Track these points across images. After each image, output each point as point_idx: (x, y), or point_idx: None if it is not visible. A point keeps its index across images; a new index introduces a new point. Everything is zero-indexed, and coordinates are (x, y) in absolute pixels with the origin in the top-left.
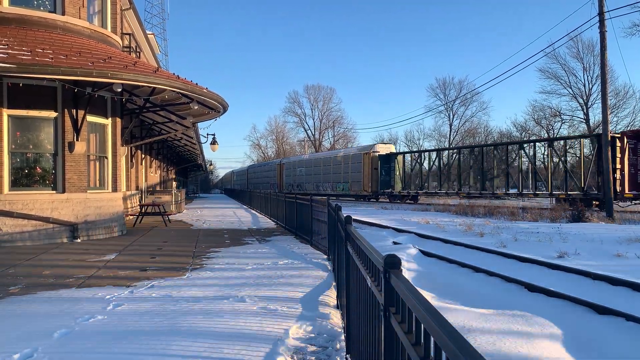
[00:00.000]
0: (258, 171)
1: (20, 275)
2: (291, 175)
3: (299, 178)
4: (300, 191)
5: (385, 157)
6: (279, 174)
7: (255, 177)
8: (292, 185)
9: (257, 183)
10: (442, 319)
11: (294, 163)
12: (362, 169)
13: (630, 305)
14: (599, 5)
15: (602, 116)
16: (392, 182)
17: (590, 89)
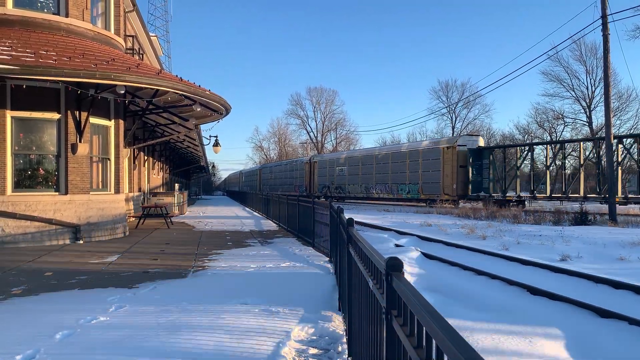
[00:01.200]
0: (276, 171)
1: (23, 276)
2: (326, 175)
3: (339, 179)
4: (341, 194)
5: (476, 152)
6: (308, 174)
7: (271, 177)
8: (328, 187)
9: (275, 185)
10: (444, 322)
11: (332, 161)
12: (441, 166)
13: (633, 309)
14: (602, 8)
15: (605, 119)
16: (485, 183)
17: (593, 92)
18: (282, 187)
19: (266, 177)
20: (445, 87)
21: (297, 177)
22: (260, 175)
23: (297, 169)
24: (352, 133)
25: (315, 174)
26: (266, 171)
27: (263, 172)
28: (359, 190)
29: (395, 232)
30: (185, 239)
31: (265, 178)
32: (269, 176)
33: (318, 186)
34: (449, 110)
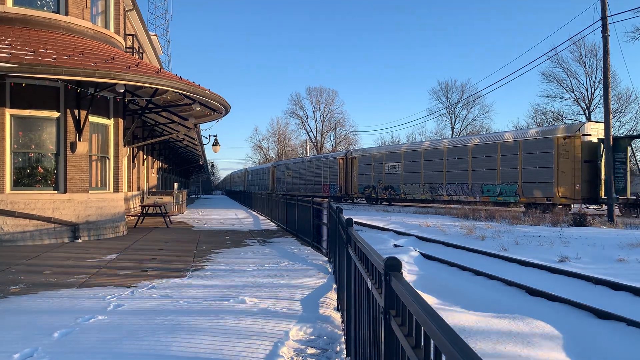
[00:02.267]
0: (297, 168)
1: (21, 274)
2: (371, 173)
3: (390, 177)
4: (392, 196)
5: None
6: (343, 172)
7: (288, 176)
8: (374, 187)
9: (294, 184)
10: (442, 322)
11: (379, 156)
12: (555, 161)
13: (631, 310)
14: (601, 9)
15: (605, 120)
16: (621, 183)
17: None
18: (304, 187)
19: (282, 176)
20: (445, 88)
21: (326, 175)
22: (273, 174)
23: (327, 166)
24: (352, 133)
25: (353, 171)
26: (282, 169)
27: (278, 170)
28: (420, 191)
29: (395, 232)
30: (184, 238)
31: (280, 177)
32: (285, 174)
33: (358, 186)
34: (448, 111)
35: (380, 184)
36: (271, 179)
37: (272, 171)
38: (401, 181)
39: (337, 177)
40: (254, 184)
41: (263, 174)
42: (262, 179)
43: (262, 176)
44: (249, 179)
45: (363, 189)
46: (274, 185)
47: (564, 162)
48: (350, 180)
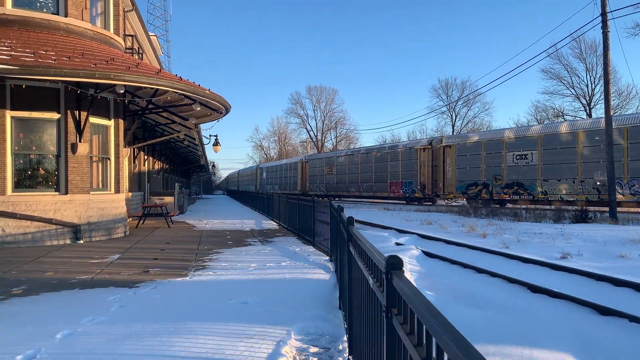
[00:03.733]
0: (343, 163)
1: (23, 276)
2: (479, 167)
3: (518, 171)
4: (524, 196)
5: None
6: (428, 165)
7: (328, 172)
8: (486, 185)
9: (338, 183)
10: (444, 320)
11: (493, 143)
12: None
13: (633, 306)
14: (601, 5)
15: (605, 117)
16: None
17: (593, 90)
18: (355, 186)
19: (318, 172)
20: (446, 86)
21: (395, 170)
22: (304, 170)
23: (398, 159)
24: (352, 132)
25: (447, 164)
26: (318, 164)
27: (312, 166)
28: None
29: (396, 230)
30: (186, 238)
31: (317, 173)
32: (323, 170)
33: (457, 184)
34: (449, 109)
35: (497, 180)
36: (301, 176)
37: (303, 167)
38: (538, 176)
39: (416, 173)
40: (272, 182)
41: (287, 171)
42: (286, 177)
43: (284, 173)
44: (262, 177)
45: (465, 188)
46: (306, 184)
47: None
48: (442, 177)
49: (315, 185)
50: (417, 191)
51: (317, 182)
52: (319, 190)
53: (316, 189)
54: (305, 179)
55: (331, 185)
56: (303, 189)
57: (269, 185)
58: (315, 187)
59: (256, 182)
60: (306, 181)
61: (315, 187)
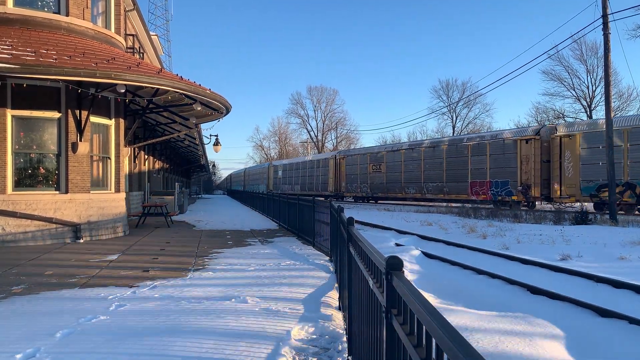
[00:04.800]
0: (397, 160)
1: (23, 275)
2: None
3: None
4: None
5: None
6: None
7: (374, 170)
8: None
9: (389, 182)
10: (443, 321)
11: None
12: None
13: (633, 308)
14: (602, 7)
15: (606, 118)
16: None
17: (594, 91)
18: (415, 186)
19: (359, 170)
20: (446, 87)
21: (480, 167)
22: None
23: (484, 152)
24: (353, 132)
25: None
26: (359, 160)
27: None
28: None
29: (396, 231)
30: (186, 238)
31: (357, 171)
32: (367, 168)
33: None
34: (449, 110)
35: None
36: (334, 175)
37: (337, 164)
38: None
39: (514, 170)
40: (291, 182)
41: (312, 169)
42: (311, 176)
43: (310, 171)
44: (278, 176)
45: (596, 189)
46: (340, 184)
47: None
48: (559, 175)
49: (354, 186)
50: (515, 193)
51: (357, 181)
52: (360, 191)
53: (355, 189)
54: (340, 178)
55: (378, 186)
56: (337, 190)
57: (286, 185)
58: (354, 188)
59: (268, 181)
60: (341, 180)
61: (354, 187)
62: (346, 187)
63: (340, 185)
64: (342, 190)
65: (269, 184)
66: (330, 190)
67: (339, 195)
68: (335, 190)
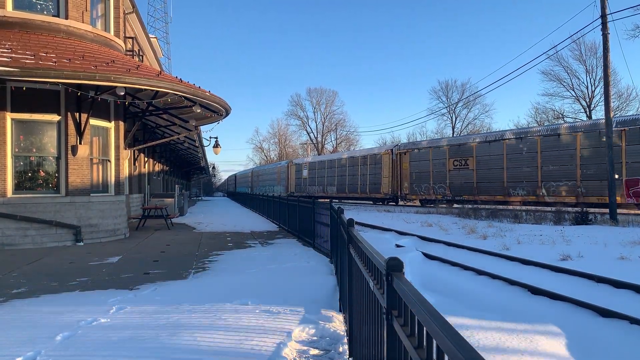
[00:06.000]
0: (490, 151)
1: (23, 278)
2: None
3: None
4: None
5: None
6: None
7: (457, 166)
8: None
9: (482, 181)
10: (444, 322)
11: None
12: None
13: (634, 308)
14: (601, 7)
15: (605, 119)
16: None
17: (593, 91)
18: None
19: (430, 167)
20: (445, 87)
21: None
22: (396, 163)
23: None
24: (353, 134)
25: None
26: (427, 154)
27: (414, 158)
28: None
29: (396, 232)
30: (186, 240)
31: (426, 168)
32: (444, 163)
33: None
34: (449, 111)
35: None
36: (389, 173)
37: (397, 160)
38: None
39: None
40: (322, 182)
41: (356, 166)
42: (354, 175)
43: (352, 170)
44: (301, 177)
45: None
46: (401, 184)
47: None
48: None
49: (423, 187)
50: None
51: (427, 180)
52: (433, 193)
53: (425, 191)
54: (402, 177)
55: (462, 186)
56: (395, 191)
57: (314, 186)
58: (424, 189)
59: (288, 182)
60: (402, 180)
61: (424, 188)
62: (410, 188)
63: (400, 185)
64: (403, 191)
65: (289, 186)
66: (384, 192)
67: (398, 198)
68: (392, 191)
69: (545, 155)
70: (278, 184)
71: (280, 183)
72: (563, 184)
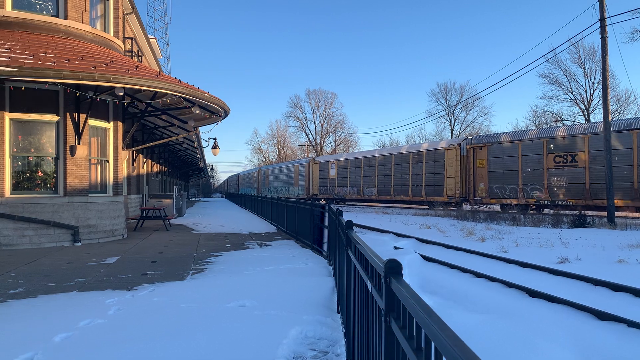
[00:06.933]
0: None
1: (21, 278)
2: None
3: None
4: None
5: None
6: None
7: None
8: None
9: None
10: (443, 324)
11: None
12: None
13: (631, 311)
14: (600, 11)
15: (604, 122)
16: None
17: (592, 95)
18: None
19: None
20: (444, 90)
21: None
22: (466, 161)
23: None
24: (351, 135)
25: None
26: (515, 148)
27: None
28: None
29: (395, 234)
30: (184, 241)
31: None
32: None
33: None
34: (447, 113)
35: None
36: (456, 172)
37: (468, 156)
38: None
39: None
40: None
41: (401, 165)
42: (401, 174)
43: (395, 169)
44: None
45: None
46: (472, 185)
47: None
48: None
49: (508, 188)
50: None
51: (514, 181)
52: (524, 196)
53: (512, 193)
54: (476, 176)
55: (568, 187)
56: (466, 194)
57: (348, 187)
58: (510, 191)
59: (309, 182)
60: (476, 179)
61: (511, 190)
62: (489, 190)
63: (474, 186)
64: (478, 194)
65: (310, 187)
66: (448, 195)
67: (477, 201)
68: (461, 194)
69: None
70: (295, 185)
71: (298, 184)
72: None
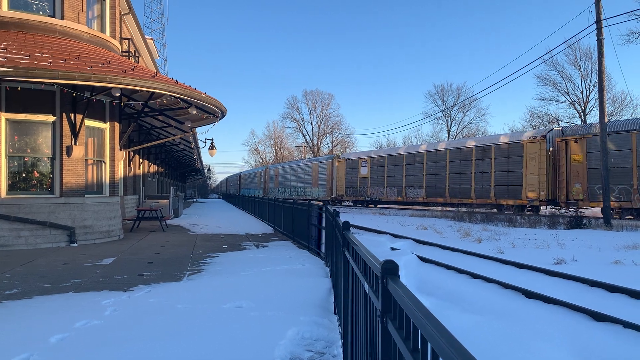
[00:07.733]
0: None
1: (17, 279)
2: None
3: None
4: None
5: None
6: None
7: None
8: None
9: None
10: (439, 325)
11: None
12: None
13: (627, 312)
14: (596, 12)
15: (600, 123)
16: None
17: (588, 96)
18: None
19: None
20: (441, 91)
21: None
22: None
23: None
24: (348, 136)
25: None
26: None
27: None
28: None
29: (392, 235)
30: (181, 242)
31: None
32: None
33: None
34: (444, 114)
35: None
36: (539, 169)
37: (559, 151)
38: None
39: None
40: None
41: (458, 162)
42: (461, 173)
43: (451, 166)
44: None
45: None
46: (564, 184)
47: None
48: None
49: (617, 189)
50: None
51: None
52: None
53: (622, 195)
54: (570, 174)
55: None
56: (554, 195)
57: (385, 187)
58: (620, 192)
59: (333, 182)
60: (571, 178)
61: (620, 191)
62: (589, 191)
63: (566, 187)
64: (572, 195)
65: (334, 188)
66: (528, 197)
67: (563, 205)
68: (547, 195)
69: None
70: (314, 186)
71: (317, 184)
72: None
